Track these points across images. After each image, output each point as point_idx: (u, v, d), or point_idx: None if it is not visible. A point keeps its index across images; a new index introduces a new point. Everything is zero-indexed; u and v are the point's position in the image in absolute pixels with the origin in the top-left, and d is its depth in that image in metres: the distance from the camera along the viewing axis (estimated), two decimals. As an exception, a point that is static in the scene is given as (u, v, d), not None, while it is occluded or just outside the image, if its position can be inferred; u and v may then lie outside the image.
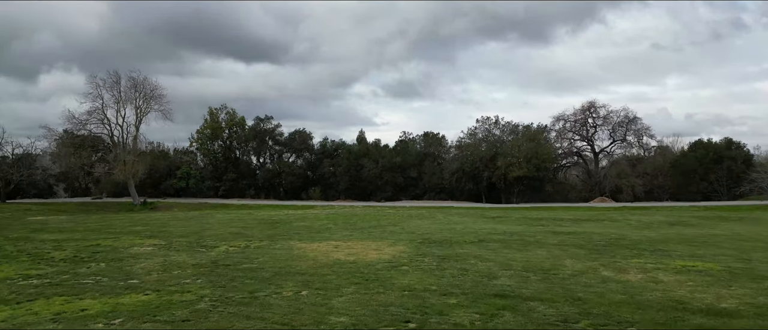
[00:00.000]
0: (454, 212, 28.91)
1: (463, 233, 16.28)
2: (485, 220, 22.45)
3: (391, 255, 11.42)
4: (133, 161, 37.81)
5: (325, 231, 17.56)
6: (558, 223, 21.09)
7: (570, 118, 47.11)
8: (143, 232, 17.43)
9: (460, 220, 22.28)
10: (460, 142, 45.41)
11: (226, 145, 49.57)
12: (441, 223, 20.57)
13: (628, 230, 17.75)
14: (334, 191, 47.89)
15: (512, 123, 43.82)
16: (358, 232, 17.13)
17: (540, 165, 39.31)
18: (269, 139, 50.37)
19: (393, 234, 16.21)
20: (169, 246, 13.48)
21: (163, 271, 9.58)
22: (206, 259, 11.05)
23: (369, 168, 46.22)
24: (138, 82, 38.76)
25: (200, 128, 48.63)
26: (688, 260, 10.59)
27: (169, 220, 23.53)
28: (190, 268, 9.92)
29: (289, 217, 24.72)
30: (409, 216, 25.14)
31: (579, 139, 47.46)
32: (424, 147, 50.86)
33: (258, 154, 50.86)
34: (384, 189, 46.47)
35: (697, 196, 39.45)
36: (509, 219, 23.34)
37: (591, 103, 46.19)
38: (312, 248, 12.71)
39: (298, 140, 49.49)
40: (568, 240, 14.38)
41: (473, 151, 42.74)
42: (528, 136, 41.56)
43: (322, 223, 20.96)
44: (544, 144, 41.74)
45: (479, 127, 44.54)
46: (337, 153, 49.49)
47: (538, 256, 11.11)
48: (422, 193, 46.93)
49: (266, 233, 16.81)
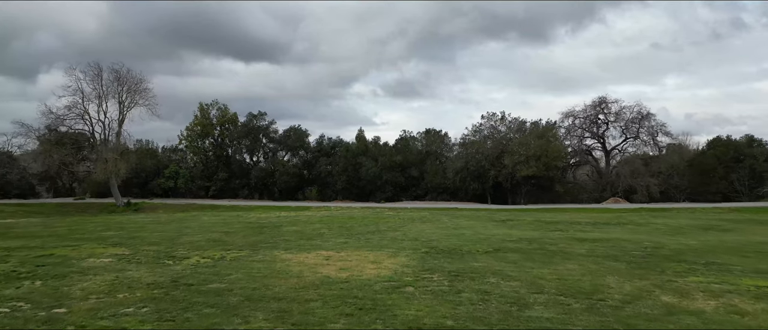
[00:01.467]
0: (459, 214, 27.09)
1: (474, 240, 14.45)
2: (495, 224, 20.63)
3: (392, 270, 9.59)
4: (115, 159, 35.81)
5: (317, 237, 15.73)
6: (577, 227, 19.26)
7: (580, 114, 45.29)
8: (111, 239, 15.60)
9: (468, 224, 20.45)
10: (464, 140, 43.50)
11: (217, 142, 47.70)
12: (447, 228, 18.75)
13: (659, 236, 15.92)
14: (331, 191, 46.02)
15: (519, 119, 42.00)
16: (354, 238, 15.30)
17: (549, 164, 37.46)
18: (263, 136, 48.50)
19: (394, 241, 14.38)
20: (132, 257, 11.64)
21: (106, 294, 7.74)
22: (167, 275, 9.21)
23: (368, 167, 44.36)
24: (121, 74, 36.78)
25: (190, 125, 46.75)
26: (758, 278, 8.75)
27: (148, 224, 21.70)
28: (142, 289, 8.07)
29: (280, 220, 22.90)
30: (411, 219, 23.32)
31: (589, 136, 45.61)
32: (426, 145, 48.98)
33: (251, 153, 48.98)
34: (384, 189, 44.64)
35: (716, 197, 37.56)
36: (521, 223, 21.52)
37: (602, 98, 44.33)
38: (298, 260, 10.88)
39: (294, 138, 47.57)
40: (597, 249, 12.55)
41: (478, 149, 40.88)
42: (536, 134, 39.68)
43: (315, 227, 19.13)
44: (554, 142, 39.87)
45: (484, 123, 42.68)
46: (334, 151, 47.63)
47: (570, 273, 9.28)
48: (424, 194, 45.10)
49: (250, 240, 14.98)
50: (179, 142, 47.55)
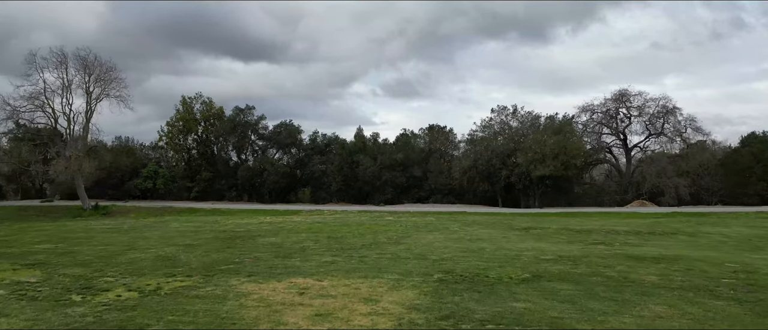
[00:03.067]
0: (470, 220, 23.95)
1: (500, 259, 11.33)
2: (518, 234, 17.49)
3: (395, 316, 6.45)
4: (78, 157, 32.45)
5: (297, 253, 12.60)
6: (618, 238, 16.14)
7: (598, 108, 42.11)
8: (36, 256, 12.47)
9: (485, 234, 17.33)
10: (471, 136, 40.26)
11: (201, 139, 44.53)
12: (460, 239, 15.63)
13: (733, 253, 12.80)
14: (326, 193, 42.86)
15: (533, 113, 38.80)
16: (344, 256, 12.17)
17: (568, 162, 34.30)
18: (251, 132, 45.33)
19: (396, 261, 11.25)
20: (34, 287, 8.55)
21: None
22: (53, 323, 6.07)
23: (366, 166, 41.19)
24: (88, 62, 33.34)
25: (170, 120, 43.57)
26: None
27: (100, 233, 18.58)
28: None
29: (260, 228, 19.81)
30: (415, 226, 20.20)
31: (609, 132, 42.43)
32: (429, 142, 45.90)
33: (238, 150, 45.80)
34: (383, 190, 41.50)
35: (754, 200, 34.39)
36: (547, 232, 18.39)
37: (623, 91, 41.08)
38: (260, 296, 7.74)
39: (285, 134, 44.37)
40: (673, 275, 9.40)
41: (488, 146, 37.70)
42: (552, 129, 36.50)
43: (299, 238, 16.01)
44: (572, 137, 36.69)
45: (494, 117, 39.49)
46: (328, 149, 44.48)
47: (666, 323, 6.13)
48: (427, 196, 41.99)
49: (210, 258, 11.85)
50: (159, 138, 44.28)
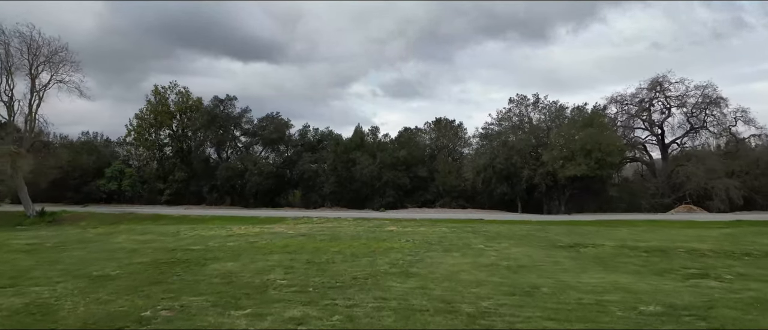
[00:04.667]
0: (494, 232, 19.13)
1: (575, 310, 6.53)
2: (569, 257, 12.69)
3: None
4: (13, 154, 27.64)
5: (251, 298, 7.86)
6: (712, 262, 11.37)
7: (630, 99, 37.27)
8: None
9: (523, 256, 12.54)
10: (486, 131, 35.39)
11: (175, 134, 39.70)
12: (494, 266, 10.88)
13: None
14: (317, 196, 38.01)
15: (558, 103, 33.95)
16: (322, 306, 7.37)
17: (603, 160, 29.52)
18: (234, 127, 40.51)
19: (407, 312, 6.44)
20: None
21: None
22: None
23: (364, 165, 36.38)
24: (32, 41, 28.59)
25: (139, 113, 38.76)
26: None
27: (7, 253, 13.81)
28: None
29: (222, 246, 15.08)
30: (426, 242, 15.41)
31: (643, 126, 37.59)
32: (436, 138, 41.13)
33: (219, 147, 40.95)
34: (383, 193, 36.70)
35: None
36: (604, 251, 13.65)
37: (661, 78, 36.15)
38: None
39: (271, 128, 39.51)
40: None
41: (507, 141, 32.85)
42: (583, 121, 31.69)
43: (265, 265, 11.24)
44: (607, 131, 31.88)
45: (513, 108, 34.64)
46: (321, 145, 39.65)
47: None
48: (434, 199, 37.21)
49: (108, 309, 7.09)
50: (127, 133, 39.33)
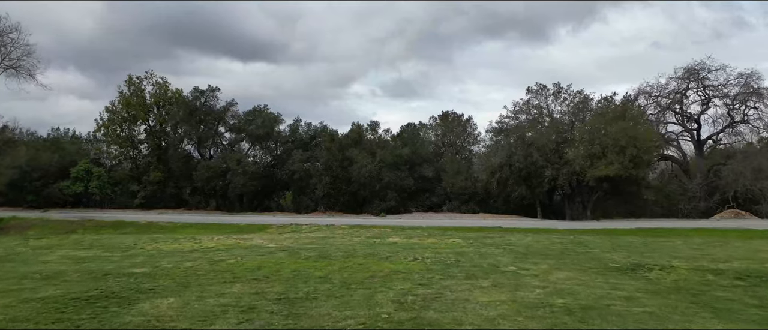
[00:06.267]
0: (523, 245, 15.53)
1: None
2: (642, 288, 9.03)
3: None
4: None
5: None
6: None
7: (660, 91, 33.69)
8: None
9: (578, 286, 8.92)
10: (502, 125, 31.67)
11: (151, 130, 36.07)
12: (544, 307, 7.33)
13: None
14: (309, 199, 34.40)
15: (583, 93, 30.27)
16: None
17: (639, 158, 25.95)
18: (216, 121, 36.89)
19: None
20: None
21: None
22: None
23: (362, 164, 32.78)
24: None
25: (110, 105, 35.13)
26: None
27: None
28: None
29: (174, 267, 11.60)
30: (441, 263, 11.81)
31: (676, 120, 34.01)
32: (442, 135, 37.58)
33: (200, 144, 37.30)
34: (384, 196, 33.08)
35: None
36: (680, 277, 10.16)
37: (695, 67, 32.52)
38: None
39: (258, 123, 35.88)
40: None
41: (525, 137, 29.28)
42: (613, 113, 28.06)
43: (218, 302, 7.65)
44: (643, 125, 28.26)
45: (531, 100, 30.98)
46: (314, 142, 36.05)
47: None
48: (441, 202, 33.71)
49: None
50: (96, 128, 35.61)
